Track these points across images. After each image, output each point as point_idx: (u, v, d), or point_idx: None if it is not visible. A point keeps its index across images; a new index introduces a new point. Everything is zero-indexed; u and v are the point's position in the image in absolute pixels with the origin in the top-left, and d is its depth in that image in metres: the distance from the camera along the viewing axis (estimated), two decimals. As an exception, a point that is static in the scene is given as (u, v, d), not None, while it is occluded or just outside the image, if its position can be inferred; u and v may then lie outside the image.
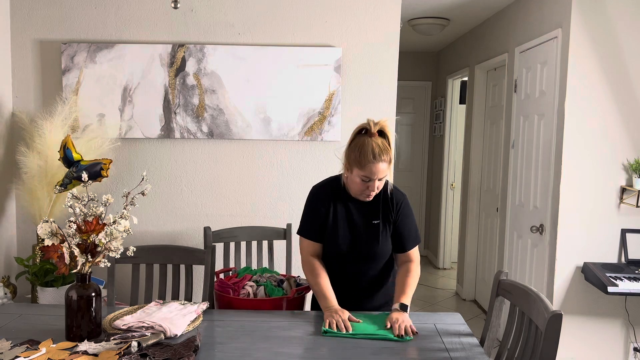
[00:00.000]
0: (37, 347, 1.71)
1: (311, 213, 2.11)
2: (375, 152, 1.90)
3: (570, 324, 3.16)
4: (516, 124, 3.85)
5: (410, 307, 2.02)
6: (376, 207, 2.08)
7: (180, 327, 1.83)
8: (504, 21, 4.16)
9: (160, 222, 3.34)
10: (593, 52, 3.04)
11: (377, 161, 1.91)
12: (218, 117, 3.25)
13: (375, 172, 1.92)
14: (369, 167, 1.92)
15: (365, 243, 2.08)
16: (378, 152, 1.91)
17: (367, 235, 2.07)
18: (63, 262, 1.82)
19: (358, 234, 2.08)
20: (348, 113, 3.27)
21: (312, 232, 2.11)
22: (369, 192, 1.98)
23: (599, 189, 3.10)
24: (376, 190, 1.98)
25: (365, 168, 1.92)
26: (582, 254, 3.14)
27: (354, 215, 2.08)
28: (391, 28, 3.27)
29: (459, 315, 2.11)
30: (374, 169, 1.92)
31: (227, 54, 3.22)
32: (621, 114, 3.06)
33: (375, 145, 1.91)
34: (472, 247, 5.00)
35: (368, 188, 1.97)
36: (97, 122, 3.22)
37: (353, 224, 2.08)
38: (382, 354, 1.73)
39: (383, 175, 1.94)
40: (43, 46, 3.24)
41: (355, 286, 2.16)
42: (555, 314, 1.56)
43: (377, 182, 1.95)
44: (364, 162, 1.92)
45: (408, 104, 6.53)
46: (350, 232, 2.08)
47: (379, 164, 1.91)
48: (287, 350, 1.75)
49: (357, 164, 1.94)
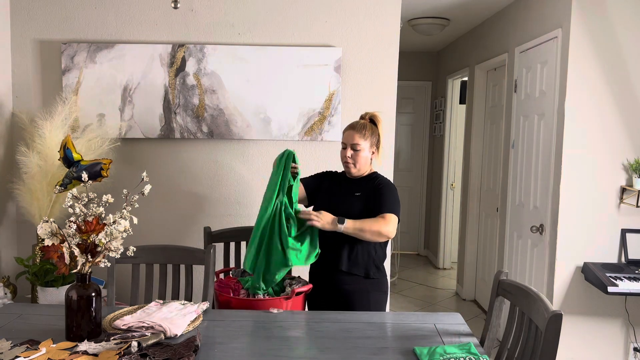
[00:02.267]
0: (37, 347, 1.71)
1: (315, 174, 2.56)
2: (355, 123, 2.36)
3: (570, 324, 3.16)
4: (516, 124, 3.85)
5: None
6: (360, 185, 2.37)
7: (180, 327, 1.83)
8: (504, 21, 4.16)
9: (160, 222, 3.33)
10: (593, 52, 3.04)
11: (353, 129, 2.33)
12: (218, 117, 3.25)
13: (349, 138, 2.33)
14: (346, 133, 2.35)
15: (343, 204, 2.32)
16: (355, 124, 2.36)
17: (347, 200, 2.33)
18: (63, 262, 1.83)
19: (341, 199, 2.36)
20: (348, 113, 3.27)
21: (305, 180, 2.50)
22: (345, 160, 2.34)
23: (599, 189, 3.10)
24: (349, 157, 2.32)
25: (344, 134, 2.37)
26: (582, 254, 3.14)
27: (340, 188, 2.42)
28: (391, 28, 3.27)
29: (459, 315, 2.11)
30: (348, 135, 2.33)
31: (227, 54, 3.22)
32: (621, 114, 3.06)
33: (358, 121, 2.37)
34: (472, 247, 5.00)
35: (344, 155, 2.33)
36: (97, 122, 3.21)
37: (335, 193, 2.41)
38: (383, 354, 1.73)
39: (354, 142, 2.30)
40: (43, 46, 3.24)
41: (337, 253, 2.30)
42: (555, 314, 1.56)
43: (350, 150, 2.32)
44: (345, 129, 2.37)
45: (408, 104, 6.53)
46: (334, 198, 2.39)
47: (353, 132, 2.32)
48: (287, 350, 1.75)
49: (342, 133, 2.38)
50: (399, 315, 2.09)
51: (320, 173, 2.57)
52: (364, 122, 2.36)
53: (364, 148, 2.32)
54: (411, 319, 2.05)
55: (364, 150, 2.32)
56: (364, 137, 2.31)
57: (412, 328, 1.95)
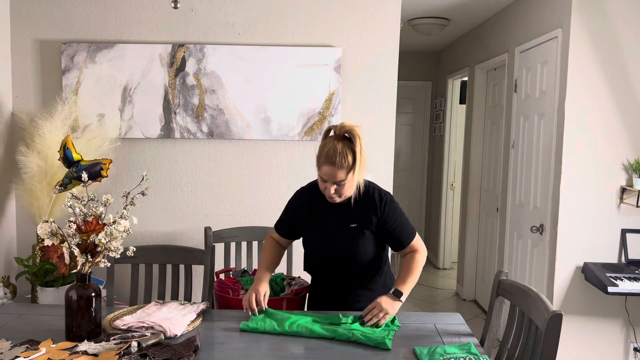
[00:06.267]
0: (37, 347, 1.71)
1: (288, 211, 2.18)
2: (329, 154, 1.89)
3: (570, 324, 3.16)
4: (516, 124, 3.85)
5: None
6: (354, 211, 2.04)
7: (180, 327, 1.83)
8: (504, 21, 4.16)
9: (160, 222, 3.33)
10: (593, 52, 3.04)
11: (329, 164, 1.89)
12: (218, 117, 3.25)
13: (329, 175, 1.91)
14: (324, 169, 1.92)
15: (340, 246, 2.05)
16: (332, 155, 1.89)
17: (343, 238, 2.05)
18: (63, 262, 1.83)
19: (333, 237, 2.06)
20: (348, 113, 3.27)
21: (282, 227, 2.19)
22: (327, 194, 1.97)
23: (599, 189, 3.10)
24: (334, 193, 1.95)
25: (321, 169, 1.94)
26: (582, 254, 3.14)
27: (331, 219, 2.07)
28: (391, 28, 3.27)
29: (459, 315, 2.11)
30: (328, 172, 1.91)
31: (227, 54, 3.22)
32: (621, 114, 3.06)
33: (333, 148, 1.90)
34: (472, 247, 4.99)
35: (326, 189, 1.96)
36: (97, 122, 3.22)
37: (328, 227, 2.07)
38: (383, 354, 1.73)
39: (337, 179, 1.91)
40: (43, 46, 3.24)
41: (341, 289, 2.14)
42: (555, 314, 1.56)
43: (333, 185, 1.93)
44: (320, 162, 1.94)
45: (408, 104, 6.53)
46: (324, 235, 2.08)
47: (333, 167, 1.89)
48: (287, 350, 1.75)
49: (317, 163, 1.96)
50: (399, 316, 2.08)
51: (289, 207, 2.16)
52: (340, 147, 1.89)
53: (348, 178, 1.92)
54: (411, 319, 2.05)
55: (349, 180, 1.92)
56: (347, 169, 1.89)
57: (412, 328, 1.95)
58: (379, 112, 3.29)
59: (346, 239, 2.05)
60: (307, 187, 2.17)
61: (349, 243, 2.05)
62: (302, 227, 2.14)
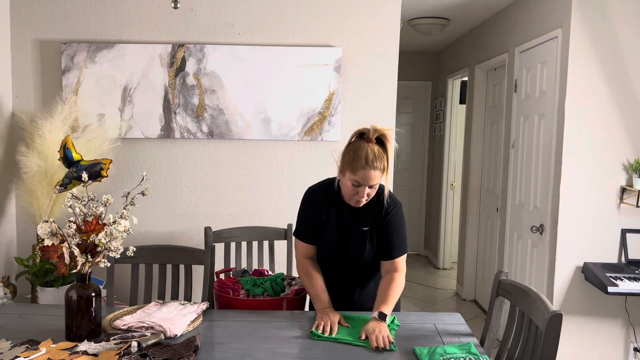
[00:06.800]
0: (37, 347, 1.71)
1: (305, 215, 2.12)
2: (369, 157, 1.87)
3: (570, 324, 3.16)
4: (516, 124, 3.85)
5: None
6: (367, 214, 2.05)
7: (180, 327, 1.83)
8: (504, 21, 4.16)
9: (160, 222, 3.34)
10: (593, 52, 3.04)
11: (369, 167, 1.88)
12: (218, 117, 3.25)
13: (366, 178, 1.90)
14: (361, 173, 1.89)
15: (353, 248, 2.06)
16: (372, 159, 1.87)
17: (356, 240, 2.05)
18: (63, 262, 1.83)
19: (347, 238, 2.06)
20: (348, 113, 3.27)
21: (306, 234, 2.11)
22: (358, 198, 1.95)
23: (599, 189, 3.10)
24: (365, 197, 1.95)
25: (356, 173, 1.90)
26: (582, 254, 3.14)
27: (346, 219, 2.06)
28: (391, 28, 3.27)
29: (459, 315, 2.11)
30: (365, 175, 1.89)
31: (227, 54, 3.22)
32: (621, 114, 3.06)
33: (371, 151, 1.88)
34: (472, 247, 4.99)
35: (357, 194, 1.94)
36: (97, 122, 3.22)
37: (343, 228, 2.07)
38: (383, 354, 1.73)
39: (374, 182, 1.91)
40: (43, 46, 3.24)
41: (349, 288, 2.15)
42: (555, 314, 1.56)
43: (367, 189, 1.92)
44: (357, 166, 1.89)
45: (408, 104, 6.53)
46: (339, 237, 2.07)
47: (371, 170, 1.88)
48: (287, 350, 1.75)
49: (350, 167, 1.91)
50: (399, 315, 2.09)
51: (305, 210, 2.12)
52: (377, 150, 1.90)
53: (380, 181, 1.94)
54: (411, 319, 2.05)
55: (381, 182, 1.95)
56: (382, 171, 1.90)
57: (412, 328, 1.95)
58: (379, 112, 3.29)
59: (359, 240, 2.05)
60: (316, 188, 2.15)
61: (359, 245, 2.05)
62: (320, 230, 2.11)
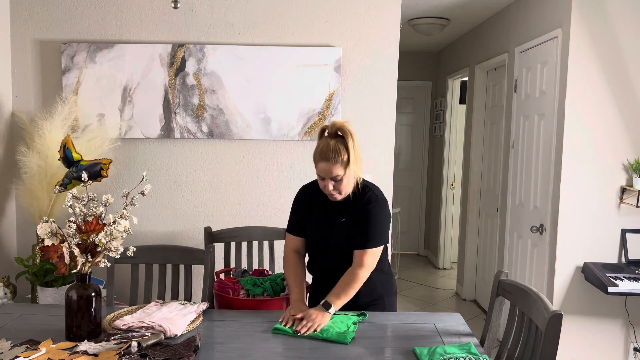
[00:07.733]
0: (37, 347, 1.71)
1: (293, 209, 2.27)
2: (323, 151, 2.01)
3: (570, 324, 3.16)
4: (516, 124, 3.85)
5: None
6: (349, 207, 2.12)
7: (180, 327, 1.83)
8: (504, 21, 4.16)
9: (160, 222, 3.34)
10: (593, 52, 3.04)
11: (324, 160, 2.00)
12: (218, 117, 3.25)
13: (326, 171, 2.02)
14: (320, 166, 2.03)
15: (336, 238, 2.12)
16: (326, 151, 2.00)
17: (338, 231, 2.12)
18: (63, 262, 1.83)
19: (330, 231, 2.14)
20: (348, 113, 3.27)
21: (293, 226, 2.24)
22: (327, 191, 2.06)
23: (599, 189, 3.10)
24: (332, 189, 2.04)
25: (318, 166, 2.05)
26: (582, 254, 3.14)
27: (329, 213, 2.15)
28: (391, 28, 3.27)
29: (459, 315, 2.11)
30: (324, 168, 2.02)
31: (227, 54, 3.22)
32: (621, 114, 3.06)
33: (328, 145, 2.01)
34: (472, 247, 4.99)
35: (325, 187, 2.06)
36: (97, 122, 3.22)
37: (327, 221, 2.15)
38: (383, 354, 1.73)
39: (334, 174, 2.01)
40: (43, 46, 3.24)
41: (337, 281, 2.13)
42: (555, 314, 1.56)
43: (331, 182, 2.03)
44: (316, 160, 2.05)
45: (408, 104, 6.53)
46: (323, 228, 2.15)
47: (326, 163, 2.00)
48: (287, 350, 1.75)
49: (314, 162, 2.07)
50: (399, 315, 2.09)
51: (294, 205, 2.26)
52: (334, 144, 2.00)
53: (346, 174, 2.02)
54: (411, 319, 2.05)
55: (347, 175, 2.02)
56: (342, 164, 2.00)
57: (412, 328, 1.95)
58: (379, 112, 3.29)
59: (340, 232, 2.11)
60: (307, 185, 2.28)
61: (340, 236, 2.11)
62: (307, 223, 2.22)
